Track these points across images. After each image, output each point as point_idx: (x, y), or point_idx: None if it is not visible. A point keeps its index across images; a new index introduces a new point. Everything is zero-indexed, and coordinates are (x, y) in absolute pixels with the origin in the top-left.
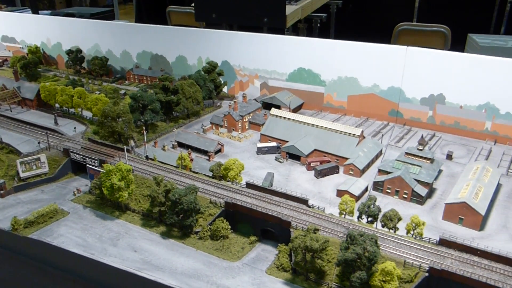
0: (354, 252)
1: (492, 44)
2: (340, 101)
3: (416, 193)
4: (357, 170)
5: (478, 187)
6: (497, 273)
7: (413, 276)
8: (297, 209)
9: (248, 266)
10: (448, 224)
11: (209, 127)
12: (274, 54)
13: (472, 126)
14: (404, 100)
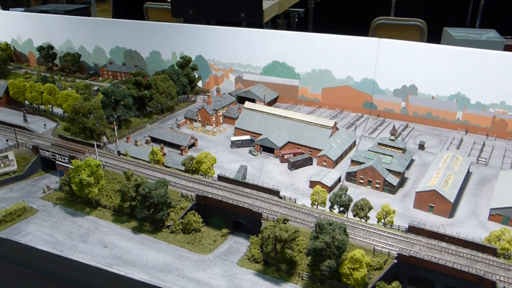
0: (323, 241)
1: (467, 37)
2: (315, 94)
3: (388, 183)
4: (330, 161)
5: (448, 175)
6: (464, 258)
7: (382, 263)
8: (268, 200)
9: (219, 259)
10: (419, 212)
11: (183, 121)
12: (248, 48)
13: (444, 116)
14: (378, 91)
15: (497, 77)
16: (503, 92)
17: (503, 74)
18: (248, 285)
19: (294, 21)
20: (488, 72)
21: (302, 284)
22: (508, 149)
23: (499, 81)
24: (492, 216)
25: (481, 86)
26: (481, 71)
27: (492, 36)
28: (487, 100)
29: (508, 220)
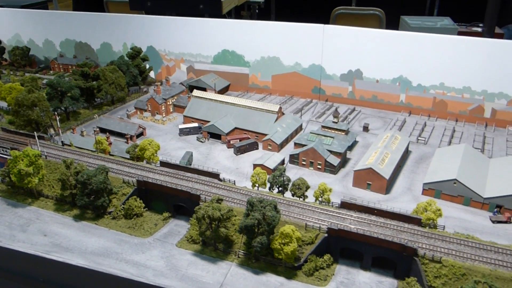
0: (254, 217)
1: (422, 25)
2: (265, 81)
3: (329, 163)
4: (275, 145)
5: (385, 154)
6: (391, 229)
7: (313, 237)
8: (208, 183)
9: (159, 241)
10: (357, 190)
11: (133, 112)
12: (198, 38)
13: (388, 99)
14: (325, 77)
15: (436, 59)
16: (442, 74)
17: (441, 56)
18: (185, 264)
19: (255, 12)
20: (427, 55)
21: (238, 262)
22: (448, 128)
23: (438, 64)
24: (425, 191)
25: (421, 68)
26: (421, 54)
27: (447, 23)
28: (427, 82)
29: (440, 193)
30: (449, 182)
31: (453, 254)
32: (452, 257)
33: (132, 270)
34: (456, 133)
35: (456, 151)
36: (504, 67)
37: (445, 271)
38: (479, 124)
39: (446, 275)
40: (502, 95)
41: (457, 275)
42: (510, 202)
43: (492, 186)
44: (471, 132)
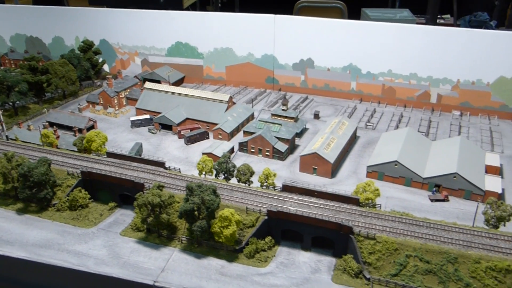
0: (193, 202)
1: (382, 17)
2: (219, 72)
3: (277, 150)
4: (225, 134)
5: (331, 139)
6: (330, 209)
7: (254, 220)
8: (153, 172)
9: (103, 231)
10: (304, 175)
11: (85, 106)
12: (151, 30)
13: (340, 87)
14: (278, 66)
15: (384, 47)
16: (390, 61)
17: (388, 44)
18: (127, 252)
19: (217, 5)
20: (375, 43)
21: (181, 247)
22: (396, 114)
23: (385, 51)
24: (369, 173)
25: (370, 56)
26: (369, 43)
27: (406, 15)
28: (376, 70)
29: (383, 175)
30: (391, 164)
31: (387, 231)
32: (386, 234)
33: (73, 260)
34: (404, 118)
35: (399, 135)
36: (446, 54)
37: (379, 247)
38: (426, 109)
39: (380, 251)
40: (447, 80)
41: (390, 250)
42: (448, 181)
43: (431, 166)
44: (418, 117)
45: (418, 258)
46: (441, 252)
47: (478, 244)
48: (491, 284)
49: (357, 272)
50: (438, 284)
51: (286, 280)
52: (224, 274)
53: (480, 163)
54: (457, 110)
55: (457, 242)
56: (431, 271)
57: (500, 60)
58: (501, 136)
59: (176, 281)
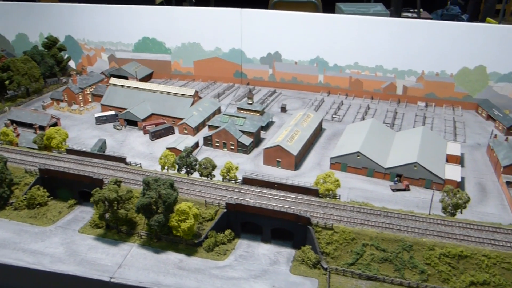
0: (149, 196)
1: (356, 11)
2: (187, 68)
3: (241, 143)
4: (190, 128)
5: (295, 131)
6: (289, 201)
7: (213, 214)
8: (114, 168)
9: (61, 229)
10: (268, 168)
11: (49, 103)
12: (117, 25)
13: (308, 80)
14: (246, 61)
15: (350, 39)
16: (356, 53)
17: (354, 36)
18: (85, 249)
19: (191, 2)
20: (341, 36)
21: (140, 243)
22: (363, 106)
23: (352, 44)
24: (332, 165)
25: (336, 49)
26: (335, 35)
27: (379, 9)
28: (343, 62)
29: (346, 166)
30: (353, 155)
31: (345, 221)
32: (344, 224)
33: (29, 258)
34: (371, 110)
35: (363, 127)
36: (411, 46)
37: (336, 237)
38: (393, 101)
39: (338, 241)
40: (412, 72)
41: (348, 240)
42: (409, 171)
43: (393, 157)
44: (384, 109)
45: (374, 247)
46: (397, 240)
47: (433, 231)
48: (445, 270)
49: (315, 262)
50: (394, 272)
51: (244, 273)
52: (182, 268)
53: (441, 153)
54: (422, 101)
55: (413, 230)
56: (387, 259)
57: (463, 51)
58: (464, 126)
59: (133, 277)
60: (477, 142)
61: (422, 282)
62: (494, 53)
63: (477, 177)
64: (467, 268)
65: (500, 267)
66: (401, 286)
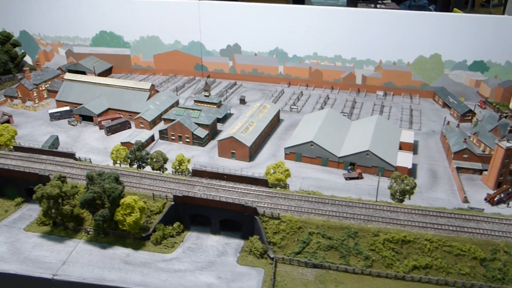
0: (92, 191)
1: (325, 3)
2: (147, 61)
3: (197, 136)
4: (147, 122)
5: (250, 123)
6: (238, 192)
7: (161, 206)
8: (62, 164)
9: (6, 227)
10: (223, 159)
11: (2, 100)
12: (73, 20)
13: (268, 72)
14: (206, 53)
15: (308, 30)
16: (315, 44)
17: (313, 27)
18: (29, 247)
19: None
20: (300, 26)
21: (87, 239)
22: (323, 96)
23: (310, 34)
24: (287, 155)
25: (295, 40)
26: (293, 26)
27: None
28: (302, 53)
29: (301, 156)
30: (307, 144)
31: (292, 210)
32: (291, 213)
33: None
34: (330, 100)
35: (319, 116)
36: (368, 35)
37: (283, 227)
38: (352, 91)
39: (284, 230)
40: (370, 61)
41: (294, 228)
42: (361, 159)
43: (347, 145)
44: (343, 98)
45: (320, 235)
46: (343, 228)
47: (379, 217)
48: (389, 255)
49: (262, 252)
50: (339, 259)
51: (191, 265)
52: (128, 262)
53: (394, 140)
54: (381, 90)
55: (359, 217)
56: (332, 246)
57: (419, 40)
58: (421, 114)
59: (77, 273)
60: (432, 130)
61: (366, 268)
62: (449, 42)
63: (429, 163)
64: (410, 253)
65: (442, 250)
66: (346, 273)
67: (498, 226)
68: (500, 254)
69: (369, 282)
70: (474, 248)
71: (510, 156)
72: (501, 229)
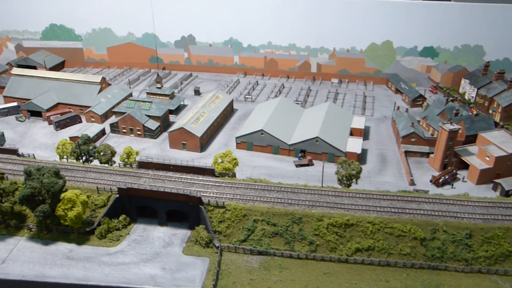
0: (31, 186)
1: None
2: (101, 55)
3: (148, 128)
4: (98, 116)
5: (201, 113)
6: (184, 182)
7: (106, 200)
8: (4, 160)
9: None
10: (174, 151)
11: None
12: (22, 12)
13: (224, 62)
14: (160, 45)
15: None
16: (269, 33)
17: (266, 15)
18: None
19: None
20: (254, 15)
21: (30, 236)
22: (278, 85)
23: (264, 23)
24: (238, 144)
25: (249, 29)
26: (247, 15)
27: None
28: (256, 42)
29: (252, 145)
30: (257, 133)
31: (237, 198)
32: (236, 201)
33: None
34: (285, 89)
35: (271, 105)
36: (321, 23)
37: (228, 215)
38: (308, 79)
39: (230, 218)
40: (324, 49)
41: (239, 217)
42: (311, 146)
43: (298, 133)
44: (299, 87)
45: (265, 222)
46: (287, 214)
47: (323, 202)
48: (333, 239)
49: (208, 241)
50: (284, 245)
51: (136, 257)
52: (71, 258)
53: (345, 127)
54: (335, 78)
55: (304, 203)
56: (277, 233)
57: (370, 27)
58: (374, 100)
59: (17, 271)
60: (384, 115)
61: (310, 253)
62: (399, 28)
63: (379, 148)
64: (354, 236)
65: (384, 232)
66: (290, 259)
67: (439, 206)
68: (439, 233)
69: (313, 266)
70: (415, 229)
71: (453, 138)
72: (441, 209)
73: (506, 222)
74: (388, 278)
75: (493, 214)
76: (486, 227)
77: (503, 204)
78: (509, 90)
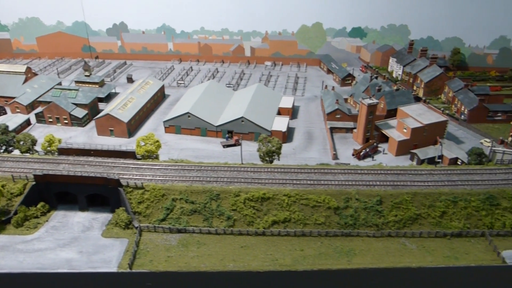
0: None
1: None
2: (30, 45)
3: (75, 116)
4: (23, 106)
5: (129, 99)
6: (105, 166)
7: (21, 188)
8: None
9: None
10: (103, 138)
11: None
12: None
13: (158, 49)
14: (92, 33)
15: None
16: (201, 18)
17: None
18: None
19: None
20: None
21: None
22: (212, 70)
23: (195, 8)
24: (166, 128)
25: (181, 15)
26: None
27: None
28: (189, 28)
29: (180, 128)
30: (184, 116)
31: (156, 179)
32: (155, 182)
33: None
34: (219, 74)
35: (200, 89)
36: (252, 6)
37: (147, 195)
38: (242, 63)
39: (149, 199)
40: (256, 33)
41: (158, 196)
42: (237, 126)
43: (225, 115)
44: (233, 71)
45: (184, 200)
46: (205, 191)
47: (241, 178)
48: (250, 213)
49: (127, 223)
50: (203, 222)
51: (53, 243)
52: None
53: (273, 106)
54: (269, 61)
55: (222, 179)
56: (196, 210)
57: (300, 9)
58: (305, 81)
59: None
60: (315, 95)
61: (228, 228)
62: (328, 9)
63: (307, 126)
64: (270, 209)
65: (300, 203)
66: (209, 234)
67: (353, 176)
68: (352, 201)
69: (230, 241)
70: (329, 199)
71: (373, 112)
72: (355, 179)
73: (413, 187)
74: (303, 247)
75: (402, 181)
76: (395, 193)
77: (413, 171)
78: (431, 67)
